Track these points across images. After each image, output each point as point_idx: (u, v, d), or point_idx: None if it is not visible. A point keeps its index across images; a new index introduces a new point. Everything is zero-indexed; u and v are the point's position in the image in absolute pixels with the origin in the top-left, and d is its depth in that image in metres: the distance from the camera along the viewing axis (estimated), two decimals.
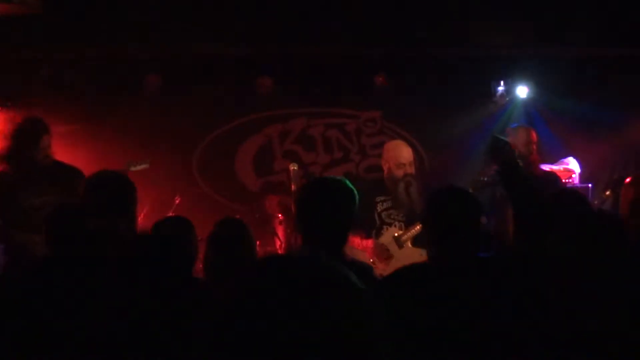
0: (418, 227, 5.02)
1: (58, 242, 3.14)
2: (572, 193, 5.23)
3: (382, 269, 4.85)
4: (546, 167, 6.03)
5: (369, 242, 5.15)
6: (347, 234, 3.01)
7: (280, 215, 6.19)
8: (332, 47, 6.89)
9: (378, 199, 5.28)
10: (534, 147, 5.32)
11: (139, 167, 5.02)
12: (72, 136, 6.48)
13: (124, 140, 6.71)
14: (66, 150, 5.50)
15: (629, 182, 3.32)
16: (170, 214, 5.59)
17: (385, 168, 5.40)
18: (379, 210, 5.27)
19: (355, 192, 3.01)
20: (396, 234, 5.21)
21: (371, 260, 5.02)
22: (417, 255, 4.73)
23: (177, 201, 6.24)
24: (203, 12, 6.46)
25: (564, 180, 6.03)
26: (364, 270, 3.02)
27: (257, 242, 4.30)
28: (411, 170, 5.31)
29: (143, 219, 6.37)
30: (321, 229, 2.93)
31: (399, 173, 5.26)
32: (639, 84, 6.89)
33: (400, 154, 5.34)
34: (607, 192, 6.30)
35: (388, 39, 6.82)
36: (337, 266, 1.24)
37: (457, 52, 7.07)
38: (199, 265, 3.66)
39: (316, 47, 6.89)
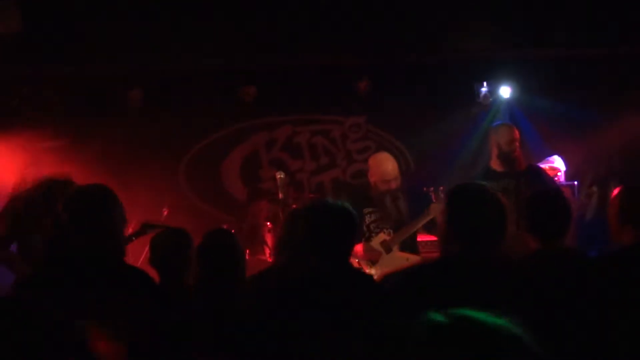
0: (404, 232, 5.13)
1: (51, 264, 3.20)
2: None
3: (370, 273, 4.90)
4: None
5: (358, 247, 5.18)
6: (352, 248, 3.19)
7: (268, 223, 6.20)
8: (314, 54, 6.92)
9: (366, 210, 5.27)
10: (517, 144, 5.36)
11: (155, 229, 4.81)
12: (60, 152, 6.48)
13: (111, 154, 6.73)
14: (54, 165, 5.51)
15: (616, 195, 3.41)
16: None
17: (371, 181, 5.38)
18: (367, 222, 5.27)
19: (356, 217, 3.17)
20: (383, 239, 5.24)
21: (357, 262, 5.07)
22: (403, 260, 4.95)
23: (165, 213, 6.25)
24: (184, 25, 6.49)
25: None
26: (368, 279, 3.22)
27: (247, 251, 4.32)
28: (397, 184, 5.26)
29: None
30: (329, 246, 3.08)
31: (385, 188, 5.25)
32: (620, 82, 6.97)
33: (386, 170, 5.27)
34: (593, 188, 6.37)
35: (370, 46, 6.86)
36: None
37: (438, 56, 7.12)
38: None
39: (299, 54, 6.92)
